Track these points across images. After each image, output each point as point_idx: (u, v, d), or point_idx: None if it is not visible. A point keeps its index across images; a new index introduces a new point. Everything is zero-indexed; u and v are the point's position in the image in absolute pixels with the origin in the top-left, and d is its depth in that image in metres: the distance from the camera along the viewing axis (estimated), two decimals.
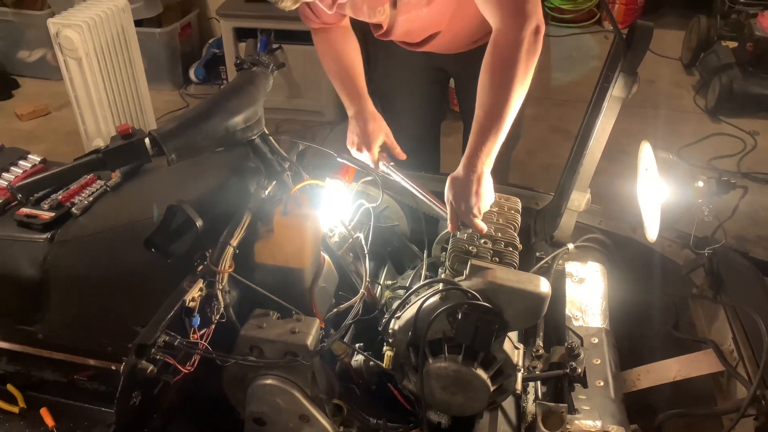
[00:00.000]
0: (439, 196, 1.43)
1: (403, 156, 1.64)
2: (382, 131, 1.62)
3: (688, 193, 1.32)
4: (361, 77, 1.68)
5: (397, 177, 1.57)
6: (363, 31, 1.77)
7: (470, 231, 1.33)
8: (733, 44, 3.86)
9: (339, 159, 1.59)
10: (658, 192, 1.35)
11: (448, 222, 1.34)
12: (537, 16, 1.26)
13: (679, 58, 4.35)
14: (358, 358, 1.37)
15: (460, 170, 1.31)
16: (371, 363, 1.33)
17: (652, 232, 1.41)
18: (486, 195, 1.31)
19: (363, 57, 1.73)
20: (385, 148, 1.63)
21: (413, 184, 1.54)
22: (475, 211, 1.30)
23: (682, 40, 4.35)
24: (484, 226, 1.31)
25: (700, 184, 1.32)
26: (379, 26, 1.60)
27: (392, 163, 1.61)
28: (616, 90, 1.38)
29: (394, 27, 1.57)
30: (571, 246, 1.60)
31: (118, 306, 1.27)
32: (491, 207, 1.42)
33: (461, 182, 1.29)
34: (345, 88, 1.67)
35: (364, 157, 1.63)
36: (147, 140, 1.09)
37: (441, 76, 1.99)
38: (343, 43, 1.68)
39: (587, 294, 1.53)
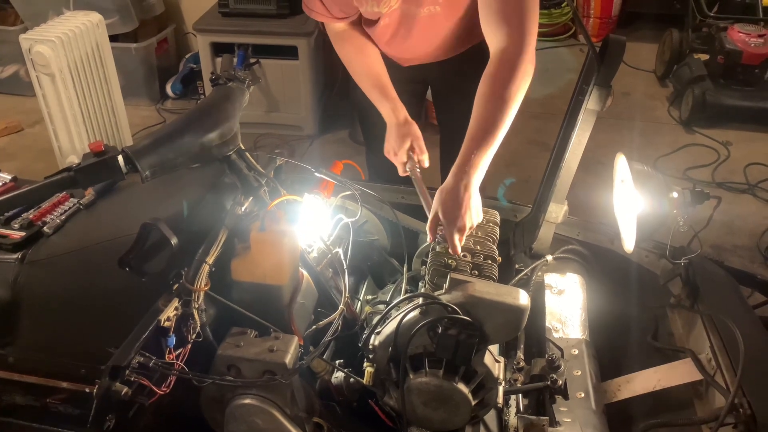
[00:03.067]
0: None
1: (425, 164, 1.64)
2: (409, 136, 1.62)
3: (664, 203, 1.33)
4: (387, 81, 1.68)
5: (415, 183, 1.56)
6: None
7: (445, 245, 1.31)
8: (704, 57, 3.95)
9: (317, 174, 1.58)
10: (634, 203, 1.36)
11: (427, 229, 1.32)
12: (535, 38, 1.36)
13: (653, 71, 4.43)
14: (338, 375, 1.36)
15: (449, 181, 1.30)
16: (352, 380, 1.32)
17: (629, 243, 1.42)
18: (474, 210, 1.30)
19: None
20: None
21: (425, 193, 1.49)
22: (461, 224, 1.27)
23: (656, 53, 4.43)
24: (459, 248, 1.28)
25: (675, 195, 1.33)
26: (377, 21, 1.61)
27: (418, 170, 1.60)
28: (591, 103, 1.40)
29: (402, 25, 1.59)
30: (549, 258, 1.61)
31: (92, 327, 1.23)
32: None
33: (451, 193, 1.28)
34: (374, 93, 1.68)
35: (394, 160, 1.66)
36: (120, 157, 1.07)
37: (421, 89, 2.00)
38: (365, 46, 1.70)
39: (567, 305, 1.53)
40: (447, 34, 1.67)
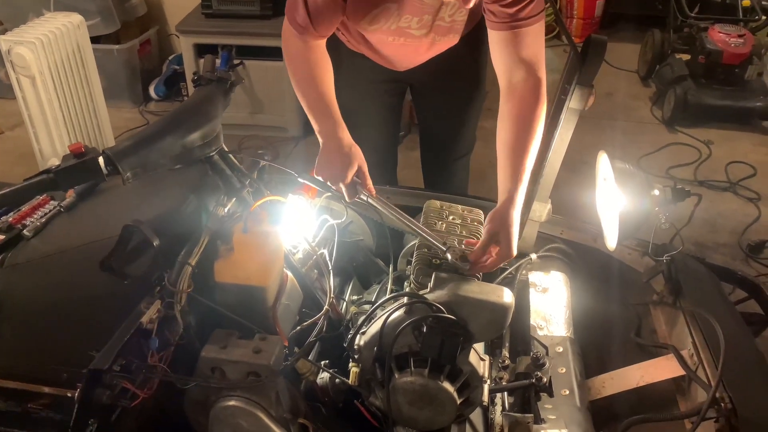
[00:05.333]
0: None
1: (373, 191, 1.43)
2: (356, 161, 1.42)
3: (645, 201, 1.34)
4: (334, 101, 1.51)
5: (380, 205, 1.40)
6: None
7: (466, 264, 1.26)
8: (686, 57, 3.99)
9: (299, 179, 1.54)
10: (617, 201, 1.37)
11: (473, 255, 1.26)
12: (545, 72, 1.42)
13: (636, 71, 4.47)
14: (323, 376, 1.35)
15: (502, 210, 1.31)
16: (337, 380, 1.31)
17: (612, 240, 1.43)
18: (516, 240, 1.31)
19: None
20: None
21: (397, 209, 1.39)
22: (507, 257, 1.29)
23: (639, 54, 4.47)
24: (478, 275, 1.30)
25: (656, 192, 1.35)
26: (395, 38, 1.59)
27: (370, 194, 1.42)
28: (573, 102, 1.41)
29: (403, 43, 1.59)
30: (534, 256, 1.61)
31: (73, 330, 1.22)
32: (454, 219, 1.42)
33: (505, 222, 1.29)
34: (319, 109, 1.49)
35: (338, 189, 1.43)
36: (101, 159, 1.07)
37: (400, 89, 2.00)
38: (323, 61, 1.55)
39: (551, 303, 1.54)
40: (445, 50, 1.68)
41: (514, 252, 1.29)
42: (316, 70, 1.52)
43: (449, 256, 1.26)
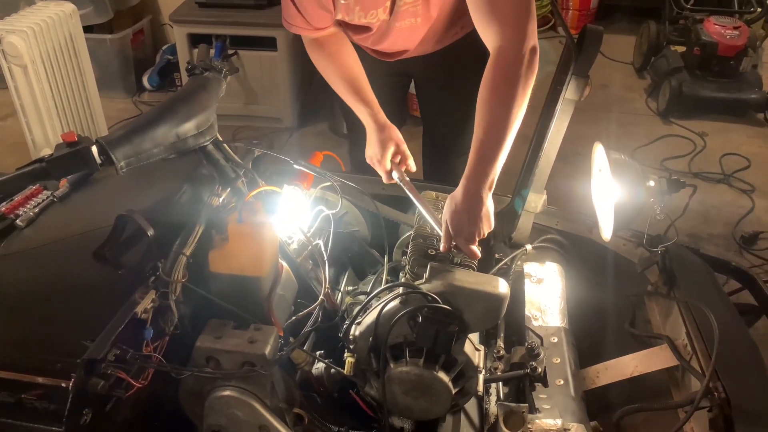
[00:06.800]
0: None
1: (413, 168, 1.58)
2: (392, 141, 1.56)
3: (640, 192, 1.34)
4: (366, 85, 1.61)
5: (407, 191, 1.49)
6: None
7: (461, 254, 1.28)
8: (681, 48, 4.00)
9: (295, 165, 1.57)
10: (612, 192, 1.37)
11: (442, 242, 1.29)
12: (534, 36, 1.28)
13: (631, 63, 4.48)
14: (318, 366, 1.36)
15: (458, 191, 1.26)
16: (332, 370, 1.31)
17: (606, 231, 1.43)
18: (485, 220, 1.25)
19: None
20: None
21: (420, 200, 1.44)
22: (470, 237, 1.25)
23: (634, 45, 4.47)
24: (477, 253, 1.26)
25: (651, 183, 1.35)
26: (365, 29, 1.57)
27: (406, 177, 1.54)
28: (569, 93, 1.40)
29: (386, 33, 1.56)
30: (529, 247, 1.62)
31: (67, 320, 1.21)
32: None
33: (459, 204, 1.25)
34: (350, 98, 1.61)
35: (378, 168, 1.58)
36: (94, 148, 1.06)
37: (404, 81, 1.99)
38: (341, 51, 1.62)
39: (546, 294, 1.54)
40: (427, 35, 1.65)
41: (473, 236, 1.25)
42: (336, 62, 1.60)
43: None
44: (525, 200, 1.59)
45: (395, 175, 1.56)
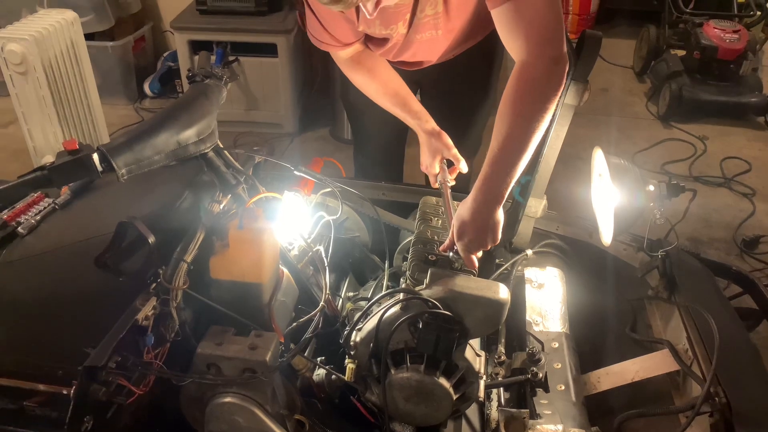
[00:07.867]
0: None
1: (464, 170, 1.61)
2: (440, 149, 1.59)
3: (640, 197, 1.34)
4: (408, 94, 1.63)
5: (443, 197, 1.51)
6: None
7: (461, 260, 1.28)
8: (681, 52, 4.01)
9: (296, 172, 1.57)
10: (612, 197, 1.37)
11: (444, 245, 1.30)
12: (561, 50, 1.24)
13: (631, 67, 4.48)
14: (319, 372, 1.36)
15: (469, 200, 1.25)
16: (333, 376, 1.31)
17: (607, 236, 1.43)
18: (489, 234, 1.24)
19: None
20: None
21: (449, 207, 1.45)
22: (471, 247, 1.25)
23: (634, 50, 4.48)
24: (475, 263, 1.27)
25: (651, 188, 1.35)
26: (384, 41, 1.57)
27: (448, 183, 1.56)
28: (568, 98, 1.41)
29: (406, 45, 1.57)
30: (529, 252, 1.62)
31: (69, 327, 1.22)
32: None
33: (466, 213, 1.25)
34: (398, 112, 1.63)
35: (429, 173, 1.63)
36: (95, 155, 1.06)
37: (414, 89, 1.99)
38: (377, 66, 1.63)
39: (547, 299, 1.54)
40: (447, 46, 1.65)
41: (476, 248, 1.26)
42: (377, 79, 1.63)
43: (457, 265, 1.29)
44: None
45: (439, 178, 1.60)
